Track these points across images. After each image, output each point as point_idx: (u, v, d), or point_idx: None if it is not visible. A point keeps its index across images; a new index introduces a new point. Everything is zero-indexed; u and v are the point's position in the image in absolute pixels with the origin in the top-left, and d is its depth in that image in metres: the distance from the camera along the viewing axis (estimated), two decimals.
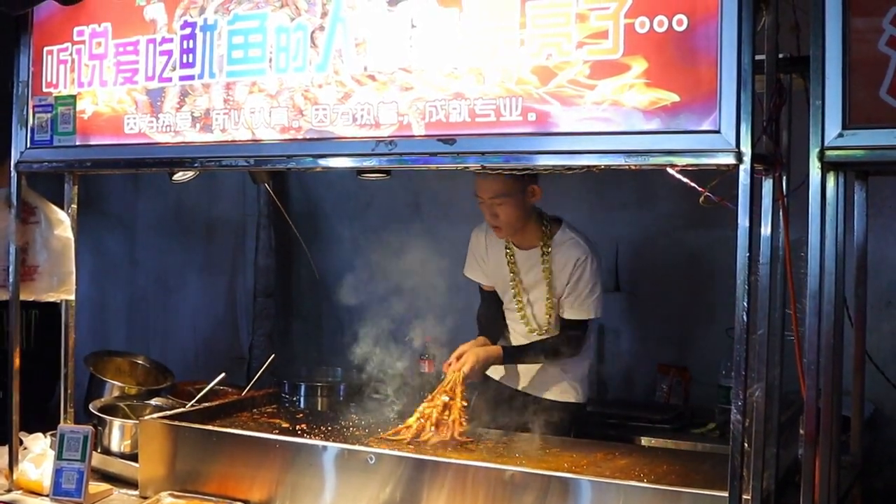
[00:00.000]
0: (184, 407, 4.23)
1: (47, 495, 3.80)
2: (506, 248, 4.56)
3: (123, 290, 7.77)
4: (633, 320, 5.96)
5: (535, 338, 4.56)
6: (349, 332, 4.84)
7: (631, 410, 5.31)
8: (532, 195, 4.39)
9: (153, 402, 4.50)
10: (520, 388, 4.65)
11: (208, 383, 4.50)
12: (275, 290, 7.03)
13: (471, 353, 4.27)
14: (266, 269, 6.96)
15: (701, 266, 5.65)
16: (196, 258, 7.42)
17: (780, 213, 2.93)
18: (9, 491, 3.91)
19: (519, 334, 4.64)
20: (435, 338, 4.84)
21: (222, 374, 4.51)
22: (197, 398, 4.33)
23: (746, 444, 2.77)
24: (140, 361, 4.99)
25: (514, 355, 4.49)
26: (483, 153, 3.03)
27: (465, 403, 4.03)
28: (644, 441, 4.80)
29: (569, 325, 4.49)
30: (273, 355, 4.79)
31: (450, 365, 4.24)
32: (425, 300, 4.87)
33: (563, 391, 4.61)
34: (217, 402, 4.31)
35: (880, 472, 5.10)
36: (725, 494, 2.77)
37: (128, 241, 7.77)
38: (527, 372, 4.62)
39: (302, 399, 5.57)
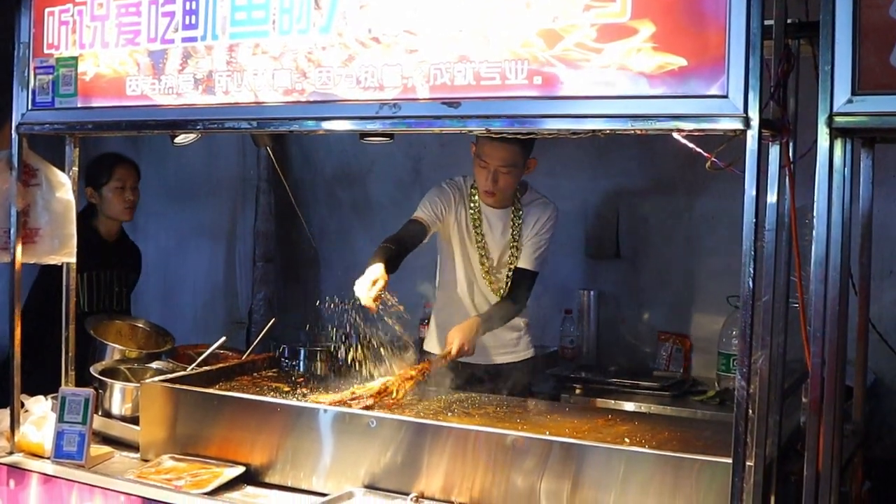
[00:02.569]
0: (184, 370, 4.23)
1: (49, 458, 3.81)
2: (471, 201, 4.68)
3: None
4: (633, 287, 5.96)
5: (489, 291, 4.70)
6: (349, 297, 4.84)
7: (630, 377, 5.31)
8: (528, 168, 4.55)
9: (154, 365, 4.49)
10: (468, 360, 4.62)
11: (208, 347, 4.49)
12: (274, 254, 7.02)
13: (454, 332, 4.32)
14: (266, 233, 6.95)
15: (702, 233, 5.65)
16: (196, 223, 7.41)
17: (787, 180, 2.91)
18: (10, 453, 3.91)
19: (468, 285, 4.75)
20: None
21: (223, 338, 4.51)
22: (197, 362, 4.32)
23: (751, 411, 2.77)
24: (140, 325, 4.98)
25: (488, 322, 4.50)
26: (488, 116, 3.01)
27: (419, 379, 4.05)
28: (643, 408, 4.81)
29: (521, 275, 4.64)
30: (273, 319, 4.79)
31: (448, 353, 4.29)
32: (425, 265, 4.87)
33: (515, 350, 4.79)
34: (218, 366, 4.30)
35: (880, 440, 5.12)
36: (729, 461, 2.78)
37: None
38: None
39: (301, 363, 5.57)
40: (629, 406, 4.79)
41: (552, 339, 5.96)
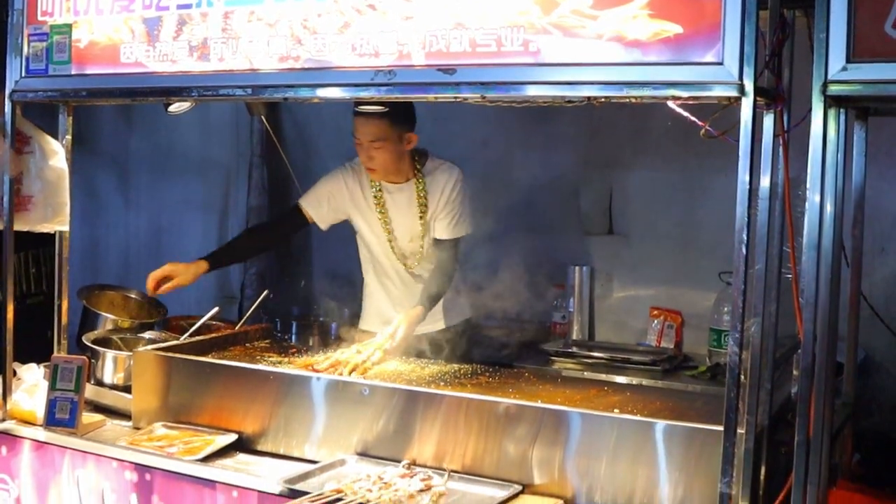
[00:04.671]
0: (177, 340, 4.23)
1: (41, 425, 3.82)
2: (371, 186, 4.65)
3: (115, 228, 7.74)
4: (625, 263, 5.95)
5: (402, 269, 4.70)
6: (340, 272, 4.85)
7: (621, 353, 5.32)
8: (408, 142, 4.48)
9: (146, 335, 4.51)
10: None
11: (201, 318, 4.49)
12: None
13: (401, 320, 4.30)
14: (258, 208, 6.92)
15: (695, 210, 5.65)
16: (188, 197, 7.38)
17: (780, 150, 2.92)
18: (2, 420, 3.92)
19: (382, 268, 4.76)
20: None
21: (216, 308, 4.50)
22: (190, 332, 4.32)
23: (743, 377, 2.78)
24: (133, 295, 4.98)
25: (428, 302, 4.48)
26: (483, 83, 3.02)
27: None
28: (635, 382, 4.81)
29: (440, 245, 4.61)
30: (266, 291, 4.78)
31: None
32: None
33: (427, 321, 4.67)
34: (210, 336, 4.31)
35: (869, 417, 5.13)
36: (720, 428, 2.79)
37: (120, 180, 7.72)
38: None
39: (293, 337, 5.59)
40: (621, 380, 4.79)
41: (544, 315, 5.96)
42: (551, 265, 5.98)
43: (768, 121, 2.88)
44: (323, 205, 4.67)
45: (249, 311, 4.65)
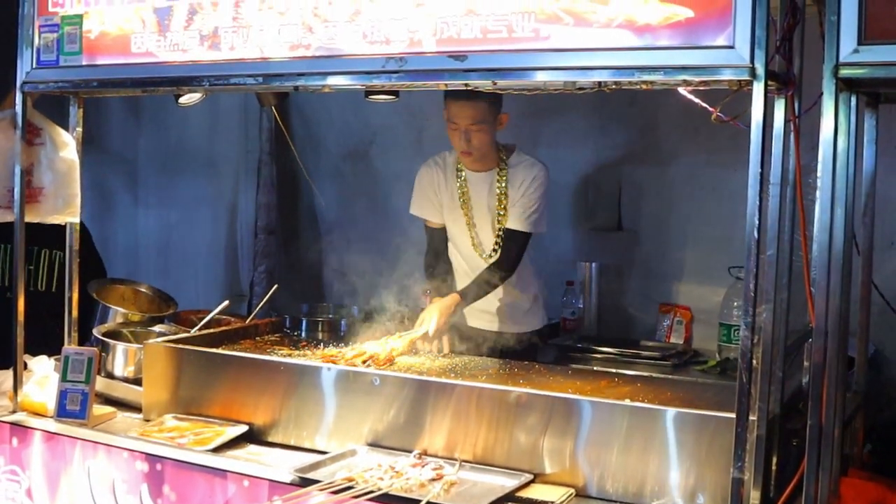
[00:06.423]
0: (187, 333, 4.22)
1: (52, 417, 3.82)
2: (457, 172, 4.69)
3: (124, 226, 7.75)
4: (634, 259, 5.95)
5: (480, 261, 4.69)
6: (351, 269, 4.85)
7: (630, 348, 5.31)
8: (500, 123, 4.53)
9: (156, 328, 4.51)
10: (471, 324, 4.82)
11: (211, 312, 4.49)
12: (276, 227, 7.01)
13: (432, 310, 4.33)
14: (268, 205, 6.94)
15: (704, 205, 5.64)
16: (197, 195, 7.40)
17: (791, 135, 2.91)
18: (13, 412, 3.92)
19: (463, 260, 4.78)
20: None
21: (226, 302, 4.52)
22: (201, 325, 4.33)
23: (755, 362, 2.77)
24: (143, 289, 4.99)
25: (470, 294, 4.52)
26: (494, 70, 3.02)
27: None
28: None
29: (510, 236, 4.60)
30: (276, 286, 4.79)
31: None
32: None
33: (523, 321, 4.88)
34: (221, 329, 4.31)
35: (880, 411, 5.11)
36: (731, 416, 2.78)
37: (129, 178, 7.74)
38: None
39: (303, 334, 5.59)
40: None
41: (554, 311, 5.95)
42: (560, 262, 5.98)
43: (779, 106, 2.87)
44: (434, 203, 4.74)
45: (260, 305, 4.66)
